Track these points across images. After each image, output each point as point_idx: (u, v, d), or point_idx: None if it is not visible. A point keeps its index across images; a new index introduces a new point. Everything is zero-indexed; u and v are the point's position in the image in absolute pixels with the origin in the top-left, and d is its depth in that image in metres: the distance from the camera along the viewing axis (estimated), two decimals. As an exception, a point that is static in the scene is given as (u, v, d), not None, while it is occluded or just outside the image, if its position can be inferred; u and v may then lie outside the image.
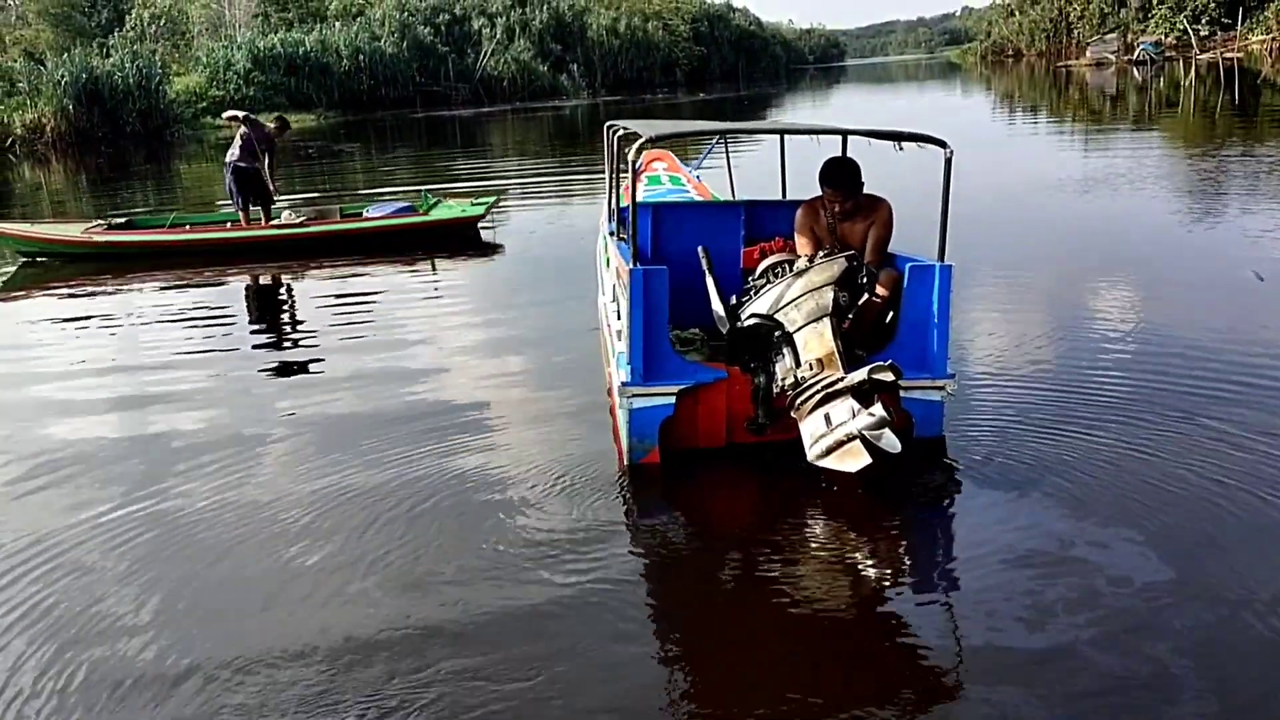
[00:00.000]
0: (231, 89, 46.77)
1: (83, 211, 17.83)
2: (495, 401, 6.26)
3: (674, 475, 4.89)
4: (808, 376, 4.57)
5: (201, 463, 5.39)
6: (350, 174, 23.78)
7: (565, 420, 5.84)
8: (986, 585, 3.86)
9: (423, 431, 5.67)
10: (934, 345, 4.94)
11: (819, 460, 4.45)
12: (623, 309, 5.03)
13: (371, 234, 11.97)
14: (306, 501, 4.83)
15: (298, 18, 56.61)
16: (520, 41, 63.15)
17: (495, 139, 34.80)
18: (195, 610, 3.95)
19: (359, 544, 4.36)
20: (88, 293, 10.60)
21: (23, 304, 10.57)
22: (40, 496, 5.08)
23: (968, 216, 5.20)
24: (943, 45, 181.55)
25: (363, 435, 5.65)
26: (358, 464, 5.24)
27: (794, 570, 4.10)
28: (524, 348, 7.63)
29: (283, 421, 6.09)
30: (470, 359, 7.36)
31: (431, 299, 9.65)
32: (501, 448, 5.41)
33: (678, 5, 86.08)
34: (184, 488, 5.08)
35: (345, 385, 6.74)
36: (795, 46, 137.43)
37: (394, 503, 4.74)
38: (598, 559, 4.14)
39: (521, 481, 4.89)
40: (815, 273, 4.77)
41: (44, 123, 36.16)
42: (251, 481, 5.14)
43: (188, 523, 4.68)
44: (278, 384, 7.08)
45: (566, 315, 8.43)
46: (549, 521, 4.47)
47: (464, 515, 4.60)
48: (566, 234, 12.72)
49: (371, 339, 8.13)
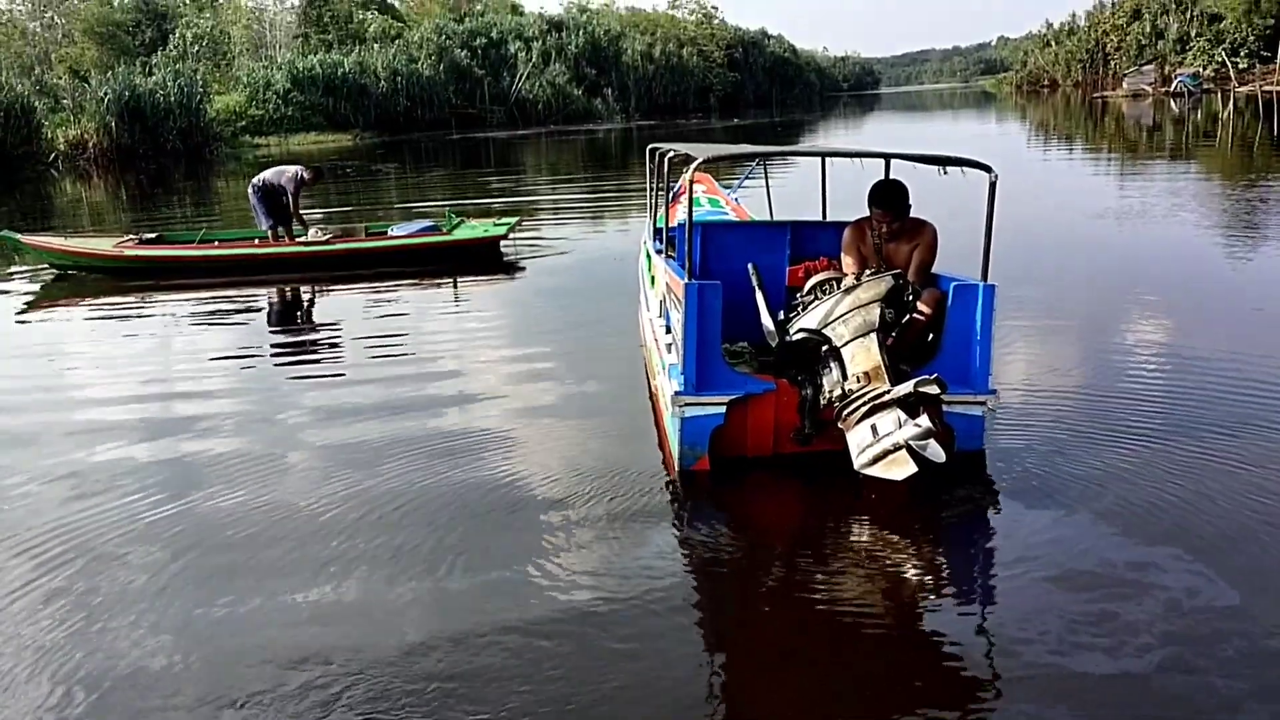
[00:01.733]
0: (270, 108, 47.55)
1: (121, 226, 18.05)
2: (531, 414, 6.27)
3: (723, 483, 4.99)
4: (855, 389, 4.71)
5: (228, 474, 5.38)
6: (385, 193, 23.98)
7: (606, 431, 5.91)
8: (1031, 603, 3.80)
9: (458, 443, 5.68)
10: (976, 361, 5.05)
11: (865, 468, 4.55)
12: (675, 322, 5.23)
13: (395, 252, 12.08)
14: (338, 513, 4.81)
15: (337, 39, 57.42)
16: (555, 65, 63.75)
17: (529, 161, 35.03)
18: (224, 620, 3.95)
19: (399, 554, 4.34)
20: (117, 306, 10.72)
21: (55, 316, 10.71)
22: (68, 506, 5.08)
23: (1006, 240, 5.25)
24: (977, 74, 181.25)
25: (395, 446, 5.65)
26: (390, 474, 5.23)
27: (838, 579, 4.11)
28: (554, 363, 7.63)
29: (310, 436, 6.07)
30: (499, 374, 7.35)
31: (456, 316, 9.67)
32: (543, 457, 5.44)
33: (713, 32, 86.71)
34: (210, 503, 5.08)
35: (374, 398, 6.74)
36: (829, 74, 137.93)
37: (432, 512, 4.74)
38: (647, 564, 4.19)
39: (568, 489, 4.95)
40: (863, 290, 4.94)
41: (86, 139, 36.89)
42: (281, 492, 5.13)
43: (213, 529, 4.70)
44: (304, 398, 7.07)
45: (594, 332, 8.48)
46: (596, 527, 4.52)
47: (507, 522, 4.63)
48: (595, 254, 12.75)
49: (397, 354, 8.12)
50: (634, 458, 5.38)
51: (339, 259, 11.91)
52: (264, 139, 44.85)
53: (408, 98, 53.06)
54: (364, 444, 5.74)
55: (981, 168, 5.09)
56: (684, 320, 4.96)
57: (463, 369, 7.50)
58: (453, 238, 12.20)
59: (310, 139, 46.27)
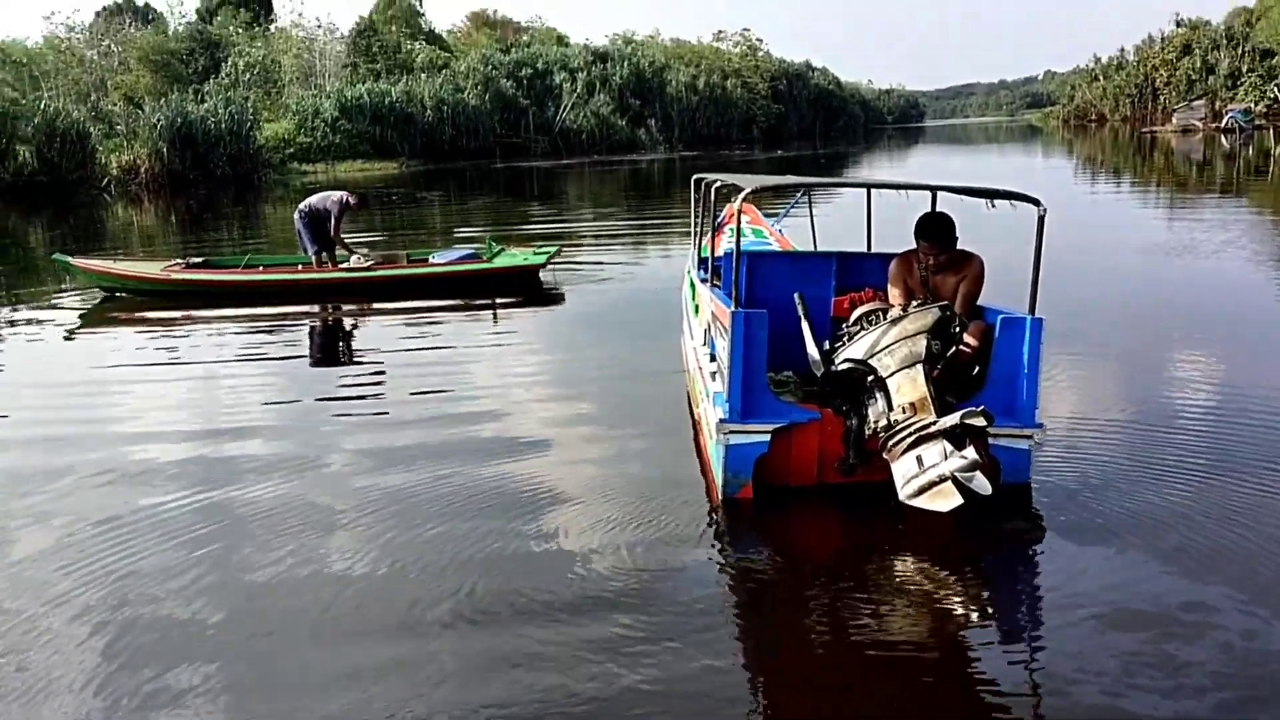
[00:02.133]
0: (319, 136, 48.24)
1: (171, 250, 18.34)
2: (571, 441, 6.27)
3: (766, 511, 4.97)
4: (900, 419, 4.68)
5: (265, 497, 5.41)
6: (429, 220, 24.23)
7: (647, 458, 5.91)
8: (1081, 642, 3.70)
9: (496, 467, 5.68)
10: (1023, 394, 5.01)
11: (911, 499, 4.52)
12: (721, 350, 5.25)
13: (436, 279, 12.17)
14: (375, 535, 4.82)
15: (385, 69, 58.27)
16: (600, 96, 64.26)
17: (571, 190, 35.26)
18: (254, 635, 3.95)
19: (436, 577, 4.33)
20: (163, 328, 10.85)
21: (101, 337, 10.87)
22: (111, 524, 5.14)
23: (1053, 272, 5.21)
24: (1024, 108, 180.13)
25: (433, 469, 5.65)
26: (429, 500, 5.23)
27: (881, 611, 4.05)
28: (594, 390, 7.61)
29: (349, 457, 6.09)
30: (538, 400, 7.36)
31: (496, 343, 9.69)
32: (584, 483, 5.42)
33: (757, 64, 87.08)
34: (250, 511, 5.13)
35: (414, 423, 6.75)
36: (874, 106, 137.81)
37: (469, 533, 4.74)
38: (687, 592, 4.17)
39: (609, 515, 4.94)
40: (909, 321, 4.92)
41: (139, 164, 37.59)
42: (319, 515, 5.13)
43: (250, 551, 4.72)
44: (343, 420, 7.12)
45: (634, 360, 8.48)
46: (636, 553, 4.51)
47: (547, 546, 4.63)
48: (636, 283, 12.78)
49: (436, 380, 8.10)
50: (676, 485, 5.36)
51: (381, 285, 12.02)
52: (312, 166, 45.52)
53: (453, 127, 53.67)
54: (402, 465, 5.74)
55: (1030, 201, 5.08)
56: (730, 348, 4.97)
57: (501, 395, 7.49)
58: (493, 265, 12.28)
59: (357, 166, 46.89)
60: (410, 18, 66.43)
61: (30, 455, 6.32)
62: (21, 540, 4.92)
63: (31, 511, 5.28)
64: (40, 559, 4.66)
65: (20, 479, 5.81)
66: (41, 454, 6.30)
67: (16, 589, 4.37)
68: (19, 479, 5.81)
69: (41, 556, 4.68)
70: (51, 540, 4.87)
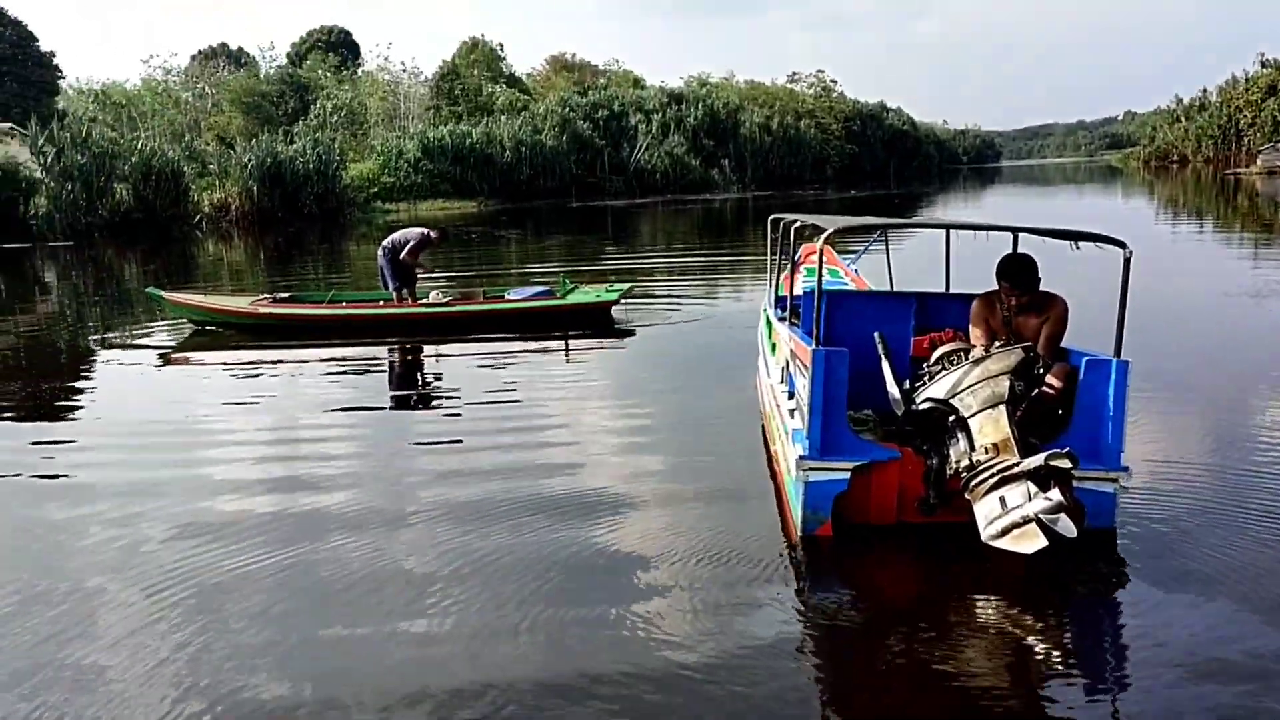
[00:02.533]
0: (401, 176, 49.44)
1: (258, 285, 18.94)
2: (645, 477, 6.33)
3: (845, 549, 4.98)
4: (983, 460, 4.67)
5: (344, 528, 5.57)
6: (506, 258, 24.63)
7: (722, 494, 5.93)
8: (1168, 691, 3.65)
9: (569, 503, 5.77)
10: (1108, 437, 4.97)
11: (994, 541, 4.49)
12: (801, 387, 5.30)
13: (511, 315, 12.43)
14: (447, 567, 4.93)
15: (466, 111, 59.56)
16: (674, 137, 64.79)
17: (645, 229, 35.54)
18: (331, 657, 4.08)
19: (506, 609, 4.42)
20: (249, 360, 11.24)
21: (191, 368, 11.31)
22: (192, 540, 5.37)
23: (1137, 314, 5.16)
24: (1103, 149, 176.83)
25: (506, 505, 5.76)
26: (501, 531, 5.34)
27: (961, 654, 4.02)
28: (667, 427, 7.69)
29: (425, 491, 6.24)
30: (612, 437, 7.45)
31: (569, 379, 9.85)
32: (658, 519, 5.50)
33: (831, 104, 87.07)
34: (327, 545, 5.28)
35: (487, 458, 6.88)
36: (949, 146, 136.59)
37: (541, 569, 4.82)
38: (763, 627, 4.20)
39: (684, 550, 4.99)
40: (992, 361, 4.92)
41: (230, 202, 38.93)
42: (394, 542, 5.29)
43: (326, 570, 4.87)
44: (419, 455, 7.27)
45: (707, 397, 8.54)
46: (712, 589, 4.54)
47: (623, 580, 4.69)
48: (708, 321, 12.84)
49: (510, 415, 8.27)
50: (752, 521, 5.40)
51: (458, 321, 12.31)
52: (394, 205, 46.63)
53: (531, 167, 54.56)
54: (476, 503, 5.87)
55: (1115, 243, 5.05)
56: (810, 385, 5.01)
57: (575, 432, 7.60)
58: (567, 302, 12.49)
59: (437, 205, 47.93)
60: (492, 62, 67.90)
61: (119, 479, 6.60)
62: (109, 563, 5.12)
63: (120, 536, 5.49)
64: (127, 580, 4.86)
65: (109, 502, 6.06)
66: (130, 480, 6.58)
67: (104, 608, 4.58)
68: (108, 501, 6.06)
69: (128, 578, 4.89)
70: (138, 562, 5.08)
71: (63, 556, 5.26)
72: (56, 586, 4.81)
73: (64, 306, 18.17)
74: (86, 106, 53.46)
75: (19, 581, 4.89)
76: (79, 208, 34.32)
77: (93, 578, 4.92)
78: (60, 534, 5.62)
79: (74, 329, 14.98)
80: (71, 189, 34.38)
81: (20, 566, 5.12)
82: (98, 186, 34.75)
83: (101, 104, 54.83)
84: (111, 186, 35.44)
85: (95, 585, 4.83)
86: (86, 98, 56.80)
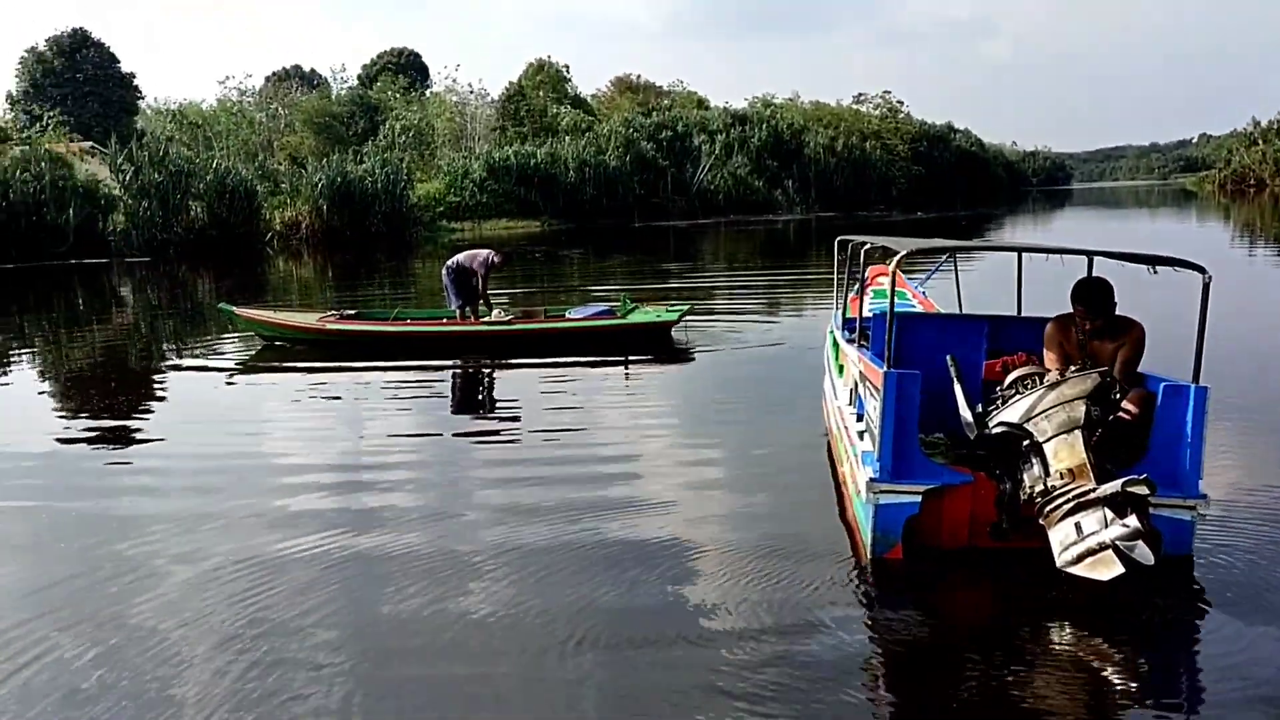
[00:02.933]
0: (467, 195, 50.04)
1: (326, 302, 19.25)
2: (706, 498, 6.31)
3: (915, 572, 4.93)
4: (1058, 485, 4.62)
5: (398, 540, 5.61)
6: (569, 276, 24.79)
7: (785, 516, 5.92)
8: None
9: (634, 522, 5.78)
10: (1186, 464, 4.88)
11: (1069, 567, 4.43)
12: (872, 409, 5.30)
13: (572, 333, 12.52)
14: (506, 583, 4.95)
15: (531, 132, 60.15)
16: (738, 157, 64.82)
17: (707, 249, 35.55)
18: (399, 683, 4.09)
19: (564, 625, 4.42)
20: (315, 375, 11.48)
21: (260, 381, 11.56)
22: (259, 539, 5.48)
23: (1213, 340, 5.04)
24: (1177, 172, 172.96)
25: (565, 521, 5.77)
26: (560, 547, 5.37)
27: (1035, 682, 3.97)
28: (728, 447, 7.65)
29: (486, 503, 6.29)
30: (672, 456, 7.43)
31: (629, 398, 9.88)
32: (723, 541, 5.47)
33: (897, 125, 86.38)
34: (389, 583, 5.31)
35: (548, 476, 6.89)
36: (1018, 168, 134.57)
37: (605, 590, 4.82)
38: (832, 649, 4.18)
39: (749, 571, 4.98)
40: (1068, 386, 4.86)
41: (300, 220, 39.70)
42: (450, 560, 5.29)
43: (383, 577, 4.92)
44: (481, 466, 7.34)
45: (768, 419, 8.54)
46: (779, 611, 4.53)
47: (686, 602, 4.68)
48: (769, 342, 12.79)
49: (570, 432, 8.31)
50: (817, 544, 5.36)
51: (519, 339, 12.41)
52: (459, 224, 47.19)
53: (594, 187, 54.89)
54: (535, 515, 5.90)
55: (1194, 268, 4.99)
56: (882, 408, 4.99)
57: (635, 450, 7.62)
58: (626, 321, 12.54)
59: (501, 225, 48.43)
60: (557, 83, 68.53)
61: (186, 488, 6.80)
62: (173, 572, 5.22)
63: (184, 544, 5.61)
64: (187, 590, 4.95)
65: (175, 512, 6.20)
66: (196, 490, 6.75)
67: (165, 616, 4.65)
68: (174, 511, 6.20)
69: (189, 588, 4.98)
70: (198, 573, 5.16)
71: (126, 585, 5.24)
72: (120, 615, 4.86)
73: (139, 321, 18.68)
74: (164, 126, 55.00)
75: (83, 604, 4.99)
76: (155, 225, 35.29)
77: (160, 594, 5.03)
78: (124, 552, 5.63)
79: (148, 343, 15.40)
80: (148, 206, 35.36)
81: (85, 589, 5.21)
82: (173, 204, 35.69)
83: (178, 123, 56.38)
84: (187, 204, 36.36)
85: (161, 601, 4.93)
86: (164, 117, 58.48)
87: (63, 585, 5.07)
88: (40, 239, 33.23)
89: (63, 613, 4.72)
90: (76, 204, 34.10)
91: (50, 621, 4.62)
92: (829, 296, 9.60)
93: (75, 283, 26.93)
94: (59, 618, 4.66)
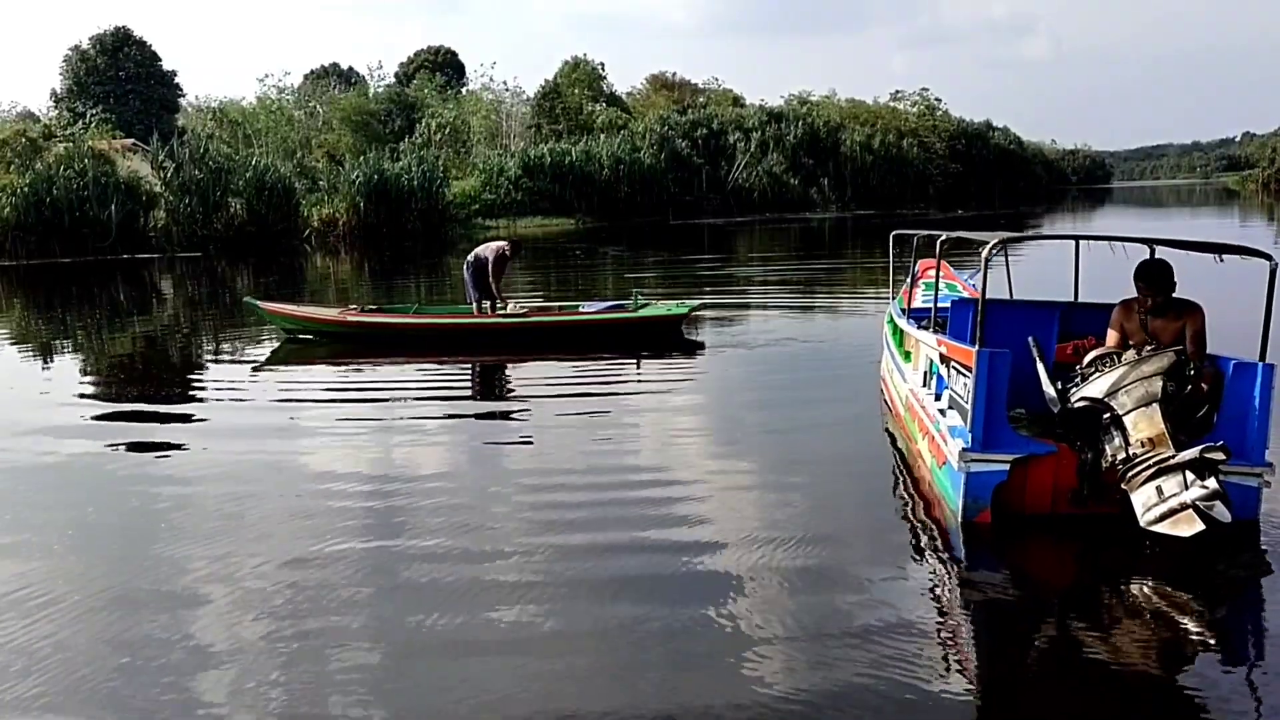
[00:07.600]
0: (502, 193, 50.23)
1: (362, 299, 19.31)
2: (781, 481, 6.61)
3: (1002, 536, 5.37)
4: (1139, 453, 5.07)
5: (417, 542, 5.53)
6: (604, 273, 24.83)
7: (853, 493, 6.34)
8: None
9: (679, 511, 5.84)
10: (1253, 435, 5.28)
11: (1152, 526, 4.90)
12: (961, 386, 5.80)
13: (585, 326, 12.71)
14: (546, 573, 4.96)
15: (567, 130, 60.30)
16: (773, 155, 64.58)
17: (742, 247, 35.46)
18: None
19: (645, 616, 4.47)
20: (337, 365, 11.77)
21: (283, 372, 11.81)
22: (286, 525, 5.61)
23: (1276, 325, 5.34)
24: (1219, 171, 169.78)
25: (601, 509, 5.86)
26: (596, 534, 5.44)
27: (1114, 637, 4.31)
28: (782, 430, 7.86)
29: (509, 496, 6.32)
30: (700, 445, 7.50)
31: (653, 390, 9.97)
32: (807, 510, 5.88)
33: (934, 123, 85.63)
34: (416, 582, 5.22)
35: (573, 466, 6.95)
36: (1057, 166, 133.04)
37: (673, 574, 4.92)
38: (929, 603, 4.60)
39: (831, 535, 5.38)
40: (1147, 363, 5.30)
41: (337, 217, 40.05)
42: (492, 588, 4.96)
43: (403, 569, 4.97)
44: (499, 454, 7.41)
45: (810, 405, 8.70)
46: (877, 567, 4.95)
47: (783, 562, 4.97)
48: (805, 334, 12.87)
49: (591, 421, 8.43)
50: (891, 515, 5.87)
51: (534, 332, 12.60)
52: (494, 221, 47.38)
53: (629, 185, 54.90)
54: (567, 512, 5.92)
55: (1261, 255, 5.35)
56: (974, 384, 5.41)
57: (667, 442, 7.64)
58: (638, 315, 12.68)
59: (536, 222, 48.56)
60: (593, 81, 68.57)
61: (214, 480, 6.88)
62: (202, 570, 5.17)
63: (213, 541, 5.56)
64: (218, 591, 4.90)
65: (202, 504, 6.28)
66: (226, 482, 6.79)
67: (197, 619, 4.62)
68: (200, 513, 6.14)
69: (220, 588, 4.93)
70: (228, 572, 5.11)
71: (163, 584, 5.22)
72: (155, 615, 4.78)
73: (179, 315, 18.92)
74: (204, 123, 55.62)
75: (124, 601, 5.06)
76: (195, 221, 35.78)
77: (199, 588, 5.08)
78: (162, 553, 5.56)
79: (187, 337, 15.61)
80: (189, 203, 35.86)
81: (123, 585, 5.14)
82: (213, 201, 36.17)
83: (219, 121, 56.99)
84: (226, 201, 36.85)
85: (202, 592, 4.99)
86: (205, 115, 59.12)
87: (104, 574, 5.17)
88: (84, 235, 33.77)
89: (110, 592, 4.83)
90: (119, 201, 34.57)
91: (104, 600, 4.77)
92: (865, 291, 9.67)
93: (118, 278, 27.31)
94: (106, 597, 4.78)
